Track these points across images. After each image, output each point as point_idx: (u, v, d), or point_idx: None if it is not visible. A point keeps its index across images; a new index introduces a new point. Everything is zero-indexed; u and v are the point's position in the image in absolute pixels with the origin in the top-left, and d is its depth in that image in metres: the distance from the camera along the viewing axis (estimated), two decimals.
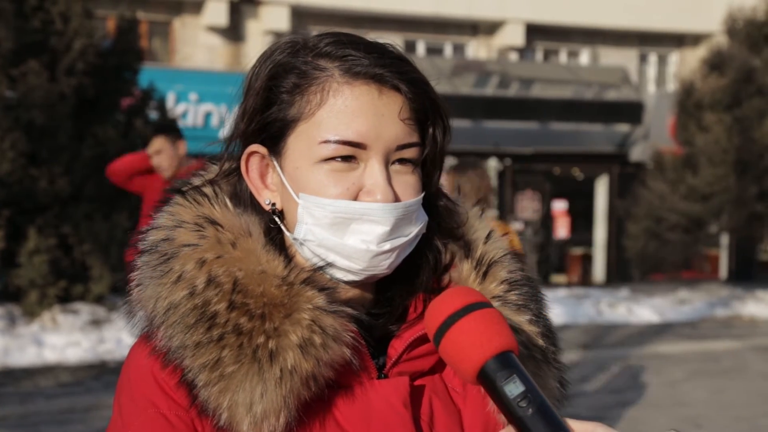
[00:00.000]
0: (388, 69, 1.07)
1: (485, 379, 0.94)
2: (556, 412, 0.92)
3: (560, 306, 13.86)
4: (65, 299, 10.68)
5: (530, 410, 0.91)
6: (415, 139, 1.10)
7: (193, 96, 15.11)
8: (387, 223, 1.06)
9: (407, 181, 1.09)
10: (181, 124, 12.48)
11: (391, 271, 1.11)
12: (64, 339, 9.82)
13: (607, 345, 11.13)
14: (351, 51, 1.08)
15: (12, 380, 8.51)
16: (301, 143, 1.08)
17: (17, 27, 10.19)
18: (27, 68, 10.08)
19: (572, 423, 0.93)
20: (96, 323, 10.38)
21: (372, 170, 1.07)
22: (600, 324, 13.07)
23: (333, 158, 1.06)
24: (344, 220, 1.06)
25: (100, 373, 8.75)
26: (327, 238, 1.07)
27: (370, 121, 1.06)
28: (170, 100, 14.13)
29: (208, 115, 15.10)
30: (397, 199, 1.07)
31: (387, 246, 1.07)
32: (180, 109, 14.77)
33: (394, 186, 1.08)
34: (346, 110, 1.06)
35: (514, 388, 0.92)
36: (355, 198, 1.07)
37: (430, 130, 1.12)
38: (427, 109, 1.11)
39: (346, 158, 1.06)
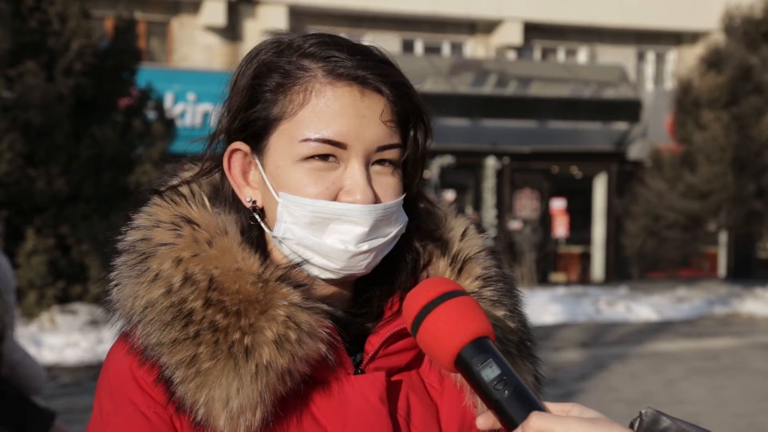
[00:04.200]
0: (371, 71, 1.08)
1: (462, 365, 0.96)
2: (531, 393, 0.95)
3: (559, 304, 13.88)
4: (64, 300, 10.69)
5: (506, 392, 0.94)
6: (396, 140, 1.10)
7: (191, 96, 15.13)
8: (365, 224, 1.07)
9: (387, 182, 1.10)
10: (179, 123, 12.52)
11: (369, 271, 1.11)
12: (62, 339, 9.83)
13: (606, 343, 11.14)
14: (335, 52, 1.08)
15: None
16: (282, 142, 1.08)
17: (14, 27, 10.20)
18: (24, 69, 10.09)
19: (548, 404, 0.95)
20: (94, 324, 10.39)
21: (352, 170, 1.07)
22: (599, 322, 13.09)
23: (312, 157, 1.07)
24: (323, 220, 1.07)
25: (99, 374, 8.74)
26: (306, 237, 1.08)
27: (350, 122, 1.06)
28: (168, 100, 14.14)
29: (206, 115, 15.10)
30: (377, 200, 1.08)
31: (365, 246, 1.08)
32: (178, 109, 14.77)
33: (375, 187, 1.08)
34: (328, 110, 1.06)
35: (490, 372, 0.95)
36: (335, 198, 1.07)
37: (411, 133, 1.13)
38: (409, 112, 1.12)
39: (326, 157, 1.07)
